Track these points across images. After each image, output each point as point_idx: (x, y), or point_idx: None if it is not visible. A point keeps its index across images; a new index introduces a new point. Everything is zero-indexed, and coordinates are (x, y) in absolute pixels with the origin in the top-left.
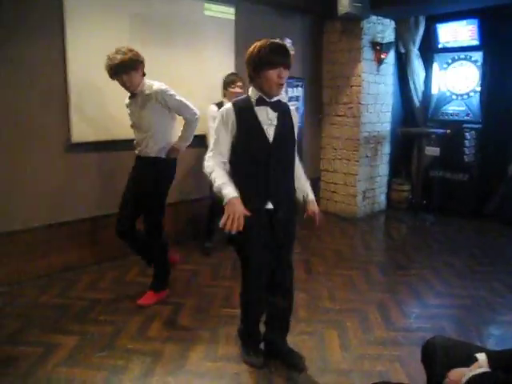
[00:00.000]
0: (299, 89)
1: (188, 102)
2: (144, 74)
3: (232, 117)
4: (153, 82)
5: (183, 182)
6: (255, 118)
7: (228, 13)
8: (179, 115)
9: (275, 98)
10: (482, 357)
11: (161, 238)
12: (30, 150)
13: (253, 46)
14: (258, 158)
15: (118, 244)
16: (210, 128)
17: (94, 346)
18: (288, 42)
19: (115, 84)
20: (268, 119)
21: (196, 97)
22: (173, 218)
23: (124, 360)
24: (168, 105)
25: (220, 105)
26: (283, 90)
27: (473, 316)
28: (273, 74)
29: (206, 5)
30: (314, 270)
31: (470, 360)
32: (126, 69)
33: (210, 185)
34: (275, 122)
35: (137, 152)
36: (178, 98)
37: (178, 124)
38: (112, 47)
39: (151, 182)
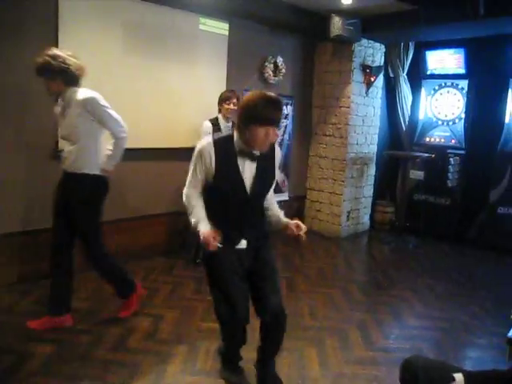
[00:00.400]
0: (289, 107)
1: (118, 117)
2: (74, 85)
3: (212, 157)
4: (85, 90)
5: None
6: (236, 168)
7: (222, 28)
8: (105, 128)
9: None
10: (459, 377)
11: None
12: (17, 154)
13: (249, 96)
14: (234, 206)
15: None
16: None
17: (70, 356)
18: (280, 61)
19: (107, 91)
20: (249, 171)
21: (186, 110)
22: (157, 229)
23: (101, 370)
24: (95, 114)
25: (215, 121)
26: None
27: (451, 338)
28: (260, 131)
29: (202, 19)
30: (296, 288)
31: (447, 379)
32: (42, 72)
33: None
34: (254, 173)
35: (64, 167)
36: (108, 109)
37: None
38: (104, 55)
39: (80, 202)
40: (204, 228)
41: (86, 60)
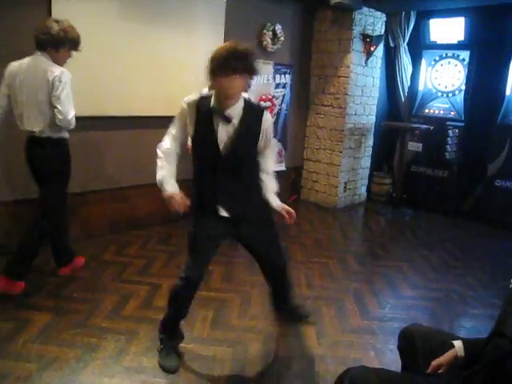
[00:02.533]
0: (287, 76)
1: (70, 105)
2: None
3: (193, 115)
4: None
5: None
6: (211, 127)
7: None
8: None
9: (232, 107)
10: (458, 344)
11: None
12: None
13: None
14: (208, 168)
15: (97, 221)
16: None
17: (67, 323)
18: (278, 28)
19: (101, 57)
20: (224, 132)
21: (182, 76)
22: (154, 198)
23: (97, 338)
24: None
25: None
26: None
27: (446, 308)
28: (222, 81)
29: None
30: (292, 258)
31: (445, 347)
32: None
33: None
34: (230, 134)
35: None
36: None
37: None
38: (99, 20)
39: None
40: (170, 188)
41: (80, 25)
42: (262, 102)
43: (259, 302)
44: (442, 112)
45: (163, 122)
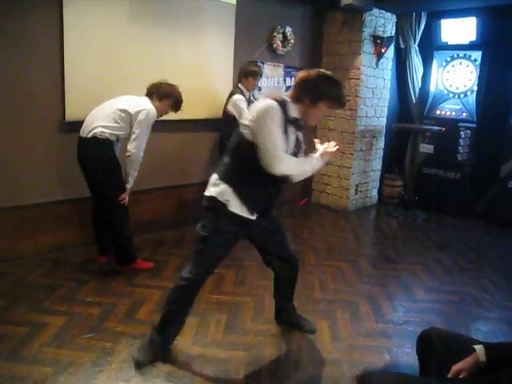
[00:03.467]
0: None
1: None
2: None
3: (279, 120)
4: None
5: (181, 166)
6: (285, 137)
7: None
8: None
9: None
10: (479, 348)
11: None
12: (25, 127)
13: (326, 73)
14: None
15: None
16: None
17: (81, 327)
18: (288, 31)
19: (113, 62)
20: (292, 141)
21: (193, 80)
22: (166, 202)
23: (112, 342)
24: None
25: (242, 93)
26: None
27: (461, 311)
28: (325, 110)
29: None
30: (305, 261)
31: (465, 351)
32: None
33: None
34: (294, 143)
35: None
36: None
37: None
38: (110, 25)
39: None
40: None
41: (91, 31)
42: None
43: (273, 305)
44: (453, 113)
45: (174, 126)
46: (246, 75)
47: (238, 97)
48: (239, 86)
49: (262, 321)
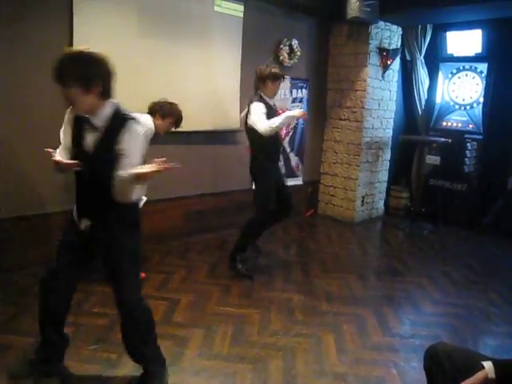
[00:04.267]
0: (303, 90)
1: None
2: None
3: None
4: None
5: (187, 177)
6: (77, 136)
7: (237, 10)
8: None
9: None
10: (488, 365)
11: None
12: (32, 137)
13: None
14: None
15: None
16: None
17: (86, 339)
18: (295, 43)
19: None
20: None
21: (201, 92)
22: (172, 213)
23: (117, 354)
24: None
25: (262, 99)
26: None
27: (468, 325)
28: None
29: (217, 1)
30: (311, 273)
31: (473, 367)
32: None
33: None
34: (93, 144)
35: None
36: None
37: None
38: (119, 38)
39: None
40: None
41: (101, 44)
42: None
43: (279, 318)
44: (460, 125)
45: (182, 138)
46: (265, 79)
47: (258, 105)
48: (259, 93)
49: (268, 334)
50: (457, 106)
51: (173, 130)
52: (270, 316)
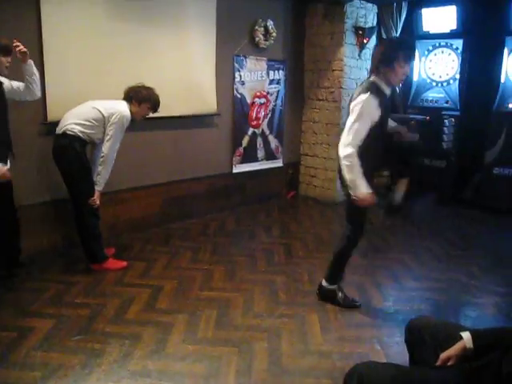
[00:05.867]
0: (281, 72)
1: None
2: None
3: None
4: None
5: (163, 163)
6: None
7: None
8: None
9: None
10: (466, 335)
11: None
12: None
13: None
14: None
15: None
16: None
17: (70, 330)
18: (270, 24)
19: (92, 58)
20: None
21: (175, 76)
22: (152, 200)
23: (101, 343)
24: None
25: (378, 92)
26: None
27: (450, 298)
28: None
29: None
30: (294, 254)
31: (453, 339)
32: None
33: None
34: None
35: None
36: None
37: None
38: (88, 25)
39: None
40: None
41: (71, 31)
42: (256, 99)
43: (262, 300)
44: (437, 102)
45: (158, 123)
46: (392, 60)
47: (367, 98)
48: (373, 79)
49: (252, 316)
50: (434, 83)
51: (150, 115)
52: (254, 298)
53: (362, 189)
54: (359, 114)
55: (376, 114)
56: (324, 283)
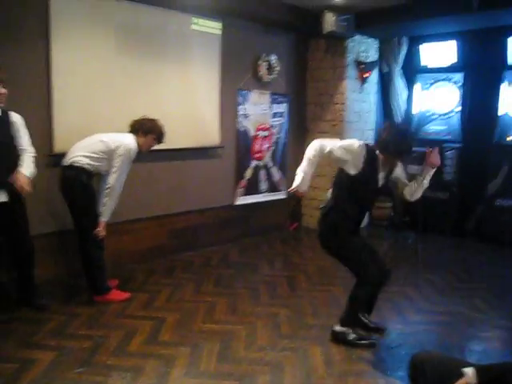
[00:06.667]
0: (284, 105)
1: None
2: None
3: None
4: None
5: (169, 194)
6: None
7: (215, 28)
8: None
9: None
10: (470, 371)
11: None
12: None
13: None
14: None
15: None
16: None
17: (71, 362)
18: (273, 59)
19: (100, 92)
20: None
21: (180, 110)
22: (157, 230)
23: (103, 376)
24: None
25: None
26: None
27: (454, 332)
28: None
29: (194, 19)
30: (297, 287)
31: (456, 375)
32: None
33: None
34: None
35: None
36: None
37: None
38: (97, 57)
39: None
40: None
41: (79, 61)
42: (259, 132)
43: (265, 333)
44: (438, 134)
45: (162, 155)
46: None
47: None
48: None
49: (255, 349)
50: (435, 116)
51: (156, 146)
52: (257, 331)
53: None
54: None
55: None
56: (335, 326)
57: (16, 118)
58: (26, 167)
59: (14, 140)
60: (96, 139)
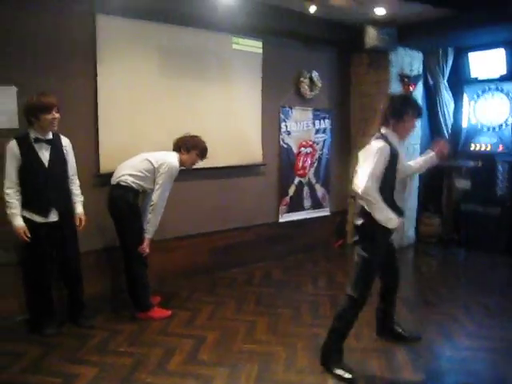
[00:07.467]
0: (326, 121)
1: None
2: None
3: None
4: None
5: (212, 212)
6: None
7: (255, 46)
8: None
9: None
10: None
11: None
12: None
13: None
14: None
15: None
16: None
17: (112, 379)
18: (315, 75)
19: (145, 113)
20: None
21: (223, 129)
22: (199, 248)
23: None
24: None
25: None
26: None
27: (507, 360)
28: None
29: (234, 39)
30: None
31: None
32: None
33: None
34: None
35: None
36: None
37: None
38: (140, 79)
39: None
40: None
41: (124, 83)
42: (302, 148)
43: (305, 354)
44: (489, 147)
45: (205, 173)
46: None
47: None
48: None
49: (295, 371)
50: (485, 128)
51: (199, 162)
52: (297, 353)
53: (389, 215)
54: (375, 160)
55: (387, 160)
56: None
57: (66, 142)
58: (80, 204)
59: (67, 164)
60: (141, 158)
